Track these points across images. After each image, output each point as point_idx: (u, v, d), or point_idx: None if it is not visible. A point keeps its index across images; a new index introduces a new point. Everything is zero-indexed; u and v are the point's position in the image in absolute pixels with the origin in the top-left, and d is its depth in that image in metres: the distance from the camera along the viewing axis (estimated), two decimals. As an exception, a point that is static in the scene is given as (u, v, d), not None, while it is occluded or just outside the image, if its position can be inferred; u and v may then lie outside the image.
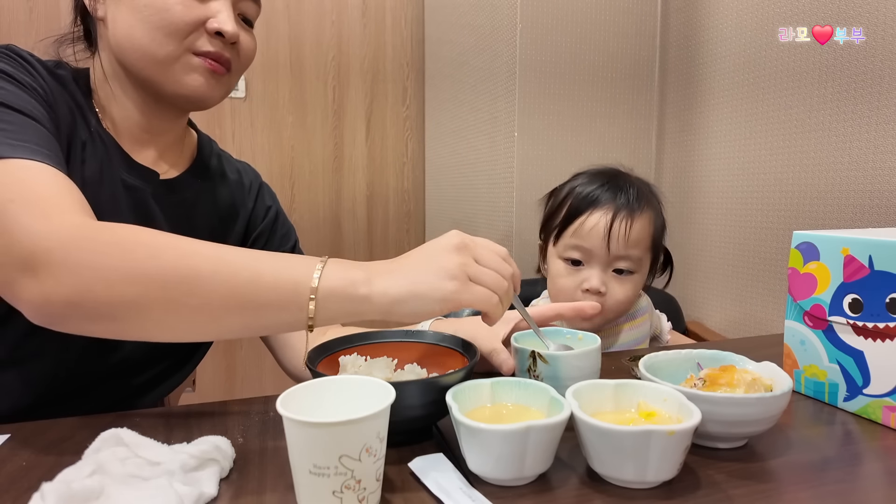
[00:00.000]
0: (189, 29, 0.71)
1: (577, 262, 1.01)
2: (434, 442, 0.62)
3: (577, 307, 0.77)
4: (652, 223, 1.03)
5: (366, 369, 0.65)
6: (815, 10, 1.27)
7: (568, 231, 1.01)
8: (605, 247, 0.98)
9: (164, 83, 0.73)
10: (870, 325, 0.66)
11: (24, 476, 0.54)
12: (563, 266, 1.02)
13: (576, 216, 1.01)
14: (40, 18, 1.79)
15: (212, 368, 2.21)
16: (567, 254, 1.02)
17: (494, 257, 0.61)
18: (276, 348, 0.91)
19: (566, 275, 1.02)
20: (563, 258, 1.02)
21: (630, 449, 0.49)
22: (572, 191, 1.05)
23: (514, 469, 0.51)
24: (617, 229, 0.97)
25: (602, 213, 0.99)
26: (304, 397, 0.51)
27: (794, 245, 0.76)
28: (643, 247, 1.01)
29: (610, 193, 1.01)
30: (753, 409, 0.57)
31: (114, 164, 0.75)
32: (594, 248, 0.99)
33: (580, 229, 1.00)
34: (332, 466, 0.45)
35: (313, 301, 0.55)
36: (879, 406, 0.66)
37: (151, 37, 0.71)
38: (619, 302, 1.01)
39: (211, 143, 0.92)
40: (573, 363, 0.68)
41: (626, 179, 1.04)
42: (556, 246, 1.04)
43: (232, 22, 0.73)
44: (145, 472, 0.50)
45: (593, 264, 1.00)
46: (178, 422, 0.66)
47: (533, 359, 0.68)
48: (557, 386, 0.59)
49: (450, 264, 0.57)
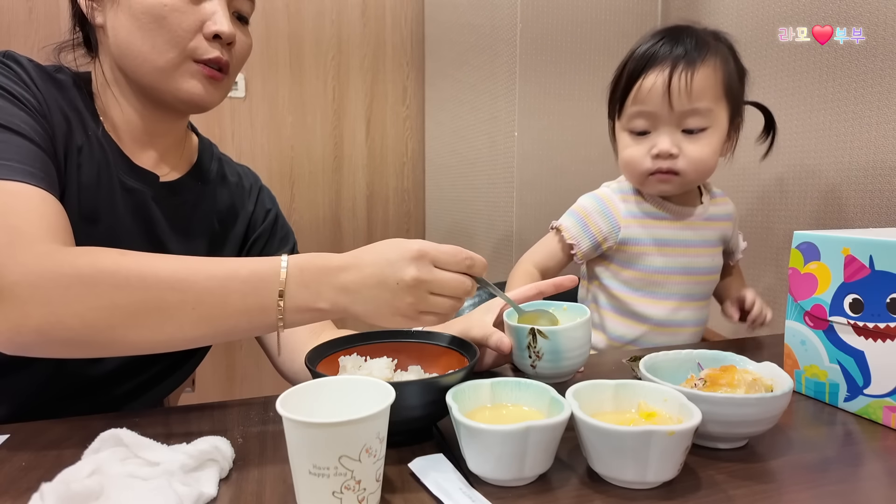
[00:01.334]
0: (188, 36, 0.72)
1: (643, 133, 0.96)
2: (434, 442, 0.61)
3: (556, 282, 0.78)
4: (719, 70, 0.94)
5: (365, 369, 0.65)
6: (815, 10, 1.27)
7: (628, 100, 0.97)
8: (667, 105, 0.92)
9: (163, 89, 0.74)
10: (870, 326, 0.66)
11: (24, 476, 0.54)
12: (629, 137, 0.98)
13: (633, 81, 0.96)
14: (40, 19, 1.79)
15: (211, 369, 2.21)
16: (632, 124, 0.97)
17: (452, 281, 0.61)
18: (271, 351, 0.91)
19: (633, 144, 0.97)
20: (628, 130, 0.98)
21: (630, 449, 0.49)
22: (630, 55, 0.99)
23: (515, 469, 0.51)
24: (676, 83, 0.91)
25: (658, 70, 0.93)
26: (303, 397, 0.51)
27: (794, 245, 0.76)
28: (711, 97, 0.93)
29: (666, 48, 0.94)
30: (754, 410, 0.57)
31: (113, 167, 0.75)
32: (657, 109, 0.94)
33: (639, 93, 0.95)
34: (332, 467, 0.45)
35: (281, 322, 0.60)
36: (880, 406, 0.66)
37: (152, 44, 0.71)
38: (696, 161, 0.95)
39: (211, 146, 0.93)
40: (572, 335, 0.68)
41: (685, 30, 0.97)
42: (621, 120, 0.99)
43: (228, 22, 0.73)
44: (145, 473, 0.50)
45: (660, 128, 0.95)
46: (178, 422, 0.66)
47: (532, 335, 0.68)
48: (557, 359, 0.60)
49: (402, 304, 0.59)
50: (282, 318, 0.59)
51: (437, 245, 0.61)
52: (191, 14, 0.71)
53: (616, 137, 1.04)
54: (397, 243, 0.61)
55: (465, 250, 0.62)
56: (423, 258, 0.59)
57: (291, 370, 0.88)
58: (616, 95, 1.01)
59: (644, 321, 1.05)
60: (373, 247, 0.62)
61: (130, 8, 0.71)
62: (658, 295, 1.05)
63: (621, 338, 1.08)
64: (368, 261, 0.60)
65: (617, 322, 1.07)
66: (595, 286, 1.11)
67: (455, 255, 0.61)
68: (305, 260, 0.60)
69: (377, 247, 0.62)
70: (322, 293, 0.60)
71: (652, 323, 1.05)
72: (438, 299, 0.61)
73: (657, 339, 1.06)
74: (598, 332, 1.10)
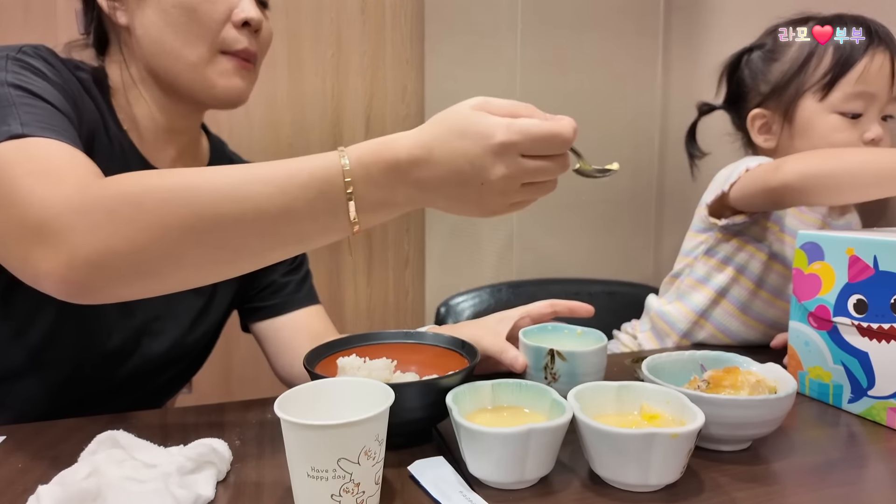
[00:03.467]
0: (218, 27, 0.71)
1: (855, 116, 0.93)
2: (434, 444, 0.61)
3: (571, 305, 0.78)
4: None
5: (364, 371, 0.64)
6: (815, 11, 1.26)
7: (847, 79, 0.92)
8: (888, 87, 0.92)
9: (198, 87, 0.73)
10: (875, 326, 0.66)
11: (20, 478, 0.53)
12: (840, 120, 0.94)
13: (852, 61, 0.92)
14: (37, 17, 1.78)
15: (209, 370, 2.19)
16: (848, 105, 0.93)
17: (545, 169, 0.54)
18: (269, 353, 0.90)
19: (844, 129, 0.94)
20: (840, 112, 0.94)
21: (632, 452, 0.49)
22: (827, 39, 0.95)
23: (515, 472, 0.50)
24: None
25: (881, 51, 0.92)
26: (302, 399, 0.50)
27: (798, 245, 0.75)
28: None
29: (875, 30, 0.93)
30: (757, 412, 0.56)
31: (130, 167, 0.74)
32: (878, 91, 0.92)
33: (866, 72, 0.91)
34: (331, 469, 0.44)
35: (356, 222, 0.54)
36: (884, 408, 0.66)
37: (185, 39, 0.70)
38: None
39: (222, 145, 0.93)
40: (590, 359, 0.68)
41: (866, 19, 0.96)
42: (827, 100, 0.94)
43: (255, 8, 0.73)
44: (142, 475, 0.49)
45: (871, 112, 0.93)
46: (175, 424, 0.65)
47: (551, 356, 0.68)
48: (573, 382, 0.59)
49: (490, 203, 0.54)
50: (356, 221, 0.53)
51: (520, 126, 0.51)
52: (219, 3, 0.71)
53: (799, 121, 0.97)
54: (472, 128, 0.52)
55: (552, 125, 0.52)
56: (509, 151, 0.52)
57: (290, 373, 0.87)
58: (812, 79, 0.95)
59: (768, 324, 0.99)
60: (442, 130, 0.53)
61: (159, 3, 0.70)
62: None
63: (735, 335, 1.00)
64: (442, 154, 0.52)
65: (733, 318, 0.99)
66: (727, 273, 0.99)
67: (545, 138, 0.52)
68: (368, 154, 0.53)
69: (448, 132, 0.53)
70: (396, 190, 0.54)
71: (779, 329, 0.96)
72: (531, 188, 0.55)
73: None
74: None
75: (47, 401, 0.74)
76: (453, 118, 0.53)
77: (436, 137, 0.53)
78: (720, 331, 1.00)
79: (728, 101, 1.09)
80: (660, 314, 1.06)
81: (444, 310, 1.30)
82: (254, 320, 0.91)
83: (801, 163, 0.82)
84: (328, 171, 0.53)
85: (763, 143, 1.02)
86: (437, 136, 0.53)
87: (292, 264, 0.92)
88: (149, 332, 0.78)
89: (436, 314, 1.32)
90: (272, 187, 0.52)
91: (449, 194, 0.54)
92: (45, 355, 0.72)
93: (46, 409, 0.73)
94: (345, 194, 0.53)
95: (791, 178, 0.81)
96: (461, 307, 1.31)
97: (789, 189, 0.82)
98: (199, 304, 0.83)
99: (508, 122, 0.51)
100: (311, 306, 0.91)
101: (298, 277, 0.92)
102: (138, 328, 0.77)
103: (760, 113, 1.01)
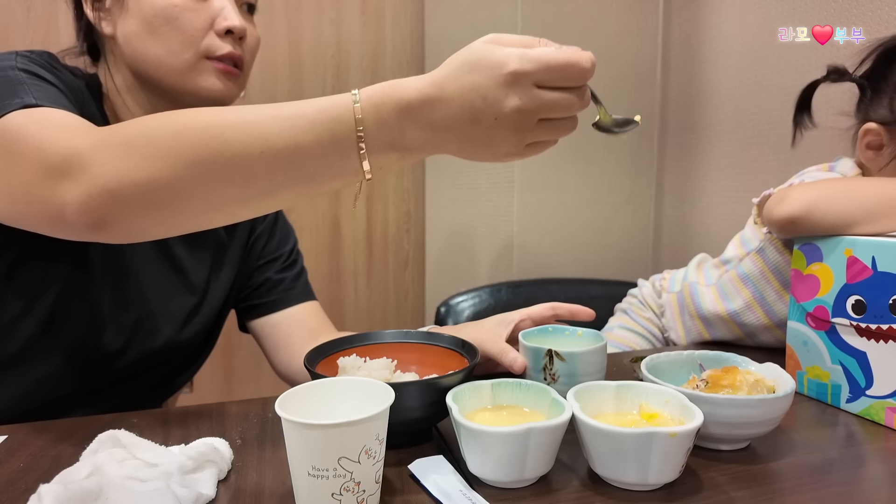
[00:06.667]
0: (200, 35, 0.72)
1: None
2: (434, 444, 0.61)
3: (572, 308, 0.79)
4: None
5: (365, 370, 0.65)
6: (816, 10, 1.27)
7: None
8: None
9: (183, 90, 0.74)
10: (873, 327, 0.66)
11: (22, 478, 0.54)
12: None
13: None
14: (38, 18, 1.78)
15: (209, 369, 2.20)
16: None
17: (563, 102, 0.51)
18: (267, 350, 0.91)
19: None
20: None
21: (632, 451, 0.49)
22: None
23: (515, 471, 0.51)
24: None
25: None
26: (302, 399, 0.51)
27: (796, 246, 0.75)
28: None
29: None
30: (756, 411, 0.56)
31: None
32: None
33: None
34: (331, 468, 0.44)
35: (366, 163, 0.53)
36: (882, 407, 0.66)
37: (167, 47, 0.71)
38: None
39: None
40: (589, 359, 0.68)
41: None
42: None
43: (238, 16, 0.73)
44: (143, 474, 0.50)
45: None
46: (176, 423, 0.65)
47: (549, 357, 0.68)
48: (573, 383, 0.59)
49: (504, 142, 0.52)
50: (364, 155, 0.52)
51: (534, 54, 0.49)
52: (201, 11, 0.72)
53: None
54: (483, 61, 0.50)
55: (568, 54, 0.50)
56: (523, 81, 0.49)
57: (288, 369, 0.88)
58: None
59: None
60: (453, 67, 0.51)
61: (141, 13, 0.71)
62: None
63: (757, 338, 0.98)
64: (454, 91, 0.50)
65: (764, 329, 0.96)
66: (766, 279, 0.95)
67: (561, 67, 0.49)
68: (378, 94, 0.52)
69: (459, 68, 0.51)
70: (406, 131, 0.52)
71: None
72: (549, 125, 0.52)
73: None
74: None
75: (41, 393, 0.74)
76: (465, 54, 0.51)
77: (447, 76, 0.51)
78: (746, 334, 0.99)
79: (866, 78, 0.90)
80: (693, 293, 1.03)
81: (444, 310, 1.31)
82: (250, 318, 0.91)
83: (805, 194, 0.75)
84: (339, 108, 0.52)
85: (865, 160, 0.88)
86: (448, 74, 0.51)
87: (286, 261, 0.93)
88: (142, 327, 0.79)
89: (436, 314, 1.32)
90: (281, 121, 0.52)
91: (461, 134, 0.52)
92: (40, 345, 0.73)
93: (41, 402, 0.73)
94: (355, 133, 0.52)
95: (795, 212, 0.74)
96: (461, 307, 1.31)
97: (793, 223, 0.75)
98: (191, 302, 0.84)
99: (521, 52, 0.49)
100: (306, 302, 0.92)
101: (293, 274, 0.93)
102: (132, 324, 0.78)
103: (876, 130, 0.86)
